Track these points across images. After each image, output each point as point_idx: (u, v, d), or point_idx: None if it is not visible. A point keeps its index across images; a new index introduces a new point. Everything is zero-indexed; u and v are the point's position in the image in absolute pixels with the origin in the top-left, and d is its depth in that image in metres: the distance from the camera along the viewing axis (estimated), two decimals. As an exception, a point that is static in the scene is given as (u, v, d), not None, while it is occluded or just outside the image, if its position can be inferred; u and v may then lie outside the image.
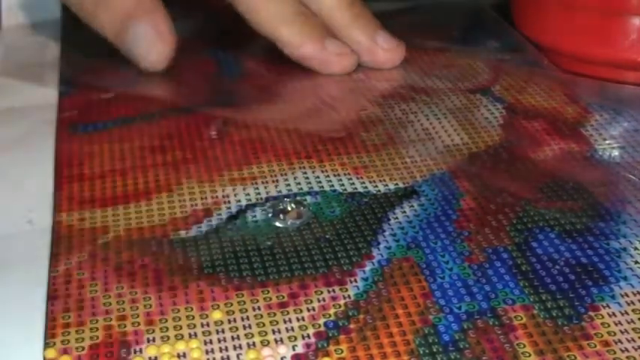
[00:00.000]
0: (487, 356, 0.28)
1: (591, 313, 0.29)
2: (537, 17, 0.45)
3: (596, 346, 0.28)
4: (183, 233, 0.34)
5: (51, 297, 0.30)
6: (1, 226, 0.34)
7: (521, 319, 0.29)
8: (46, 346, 0.28)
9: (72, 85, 0.46)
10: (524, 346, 0.28)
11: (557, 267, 0.31)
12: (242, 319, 0.29)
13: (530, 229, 0.34)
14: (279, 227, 0.34)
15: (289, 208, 0.35)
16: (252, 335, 0.29)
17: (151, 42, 0.44)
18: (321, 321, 0.29)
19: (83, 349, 0.28)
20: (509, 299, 0.30)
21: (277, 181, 0.37)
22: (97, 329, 0.29)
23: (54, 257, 0.32)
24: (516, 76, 0.46)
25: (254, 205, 0.36)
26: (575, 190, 0.36)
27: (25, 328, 0.29)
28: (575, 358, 0.27)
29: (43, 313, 0.30)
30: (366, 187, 0.37)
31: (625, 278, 0.31)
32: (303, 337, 0.28)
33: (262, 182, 0.37)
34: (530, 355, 0.27)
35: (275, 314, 0.29)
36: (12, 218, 0.35)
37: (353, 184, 0.37)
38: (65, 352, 0.28)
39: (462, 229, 0.34)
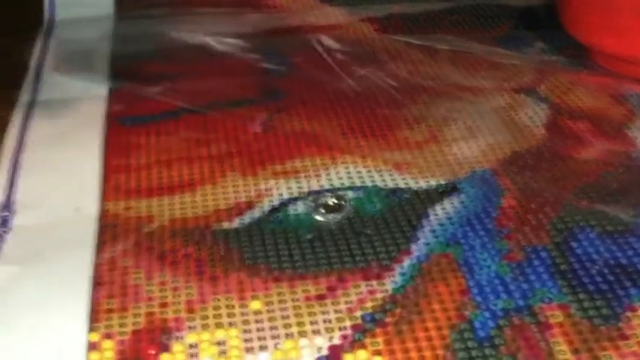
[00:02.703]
0: (522, 353, 0.28)
1: (629, 314, 0.29)
2: (584, 18, 0.45)
3: (633, 346, 0.28)
4: (225, 224, 0.34)
5: (96, 283, 0.31)
6: (50, 213, 0.35)
7: (558, 317, 0.29)
8: (90, 330, 0.29)
9: (121, 79, 0.47)
10: (560, 344, 0.28)
11: (596, 267, 0.31)
12: (280, 310, 0.30)
13: (570, 229, 0.33)
14: (319, 221, 0.34)
15: (330, 203, 0.35)
16: (290, 326, 0.29)
17: None
18: (359, 314, 0.29)
19: (125, 334, 0.29)
20: (546, 298, 0.30)
21: (319, 175, 0.38)
22: (140, 315, 0.30)
23: (100, 245, 0.33)
24: (562, 77, 0.46)
25: (296, 199, 0.36)
26: (618, 191, 0.36)
27: (71, 313, 0.30)
28: (611, 357, 0.27)
29: (88, 298, 0.30)
30: (407, 183, 0.37)
31: (665, 280, 0.31)
32: (340, 329, 0.29)
33: (305, 176, 0.37)
34: (565, 354, 0.28)
35: (313, 306, 0.30)
36: (61, 206, 0.36)
37: (394, 179, 0.37)
38: (108, 336, 0.29)
39: (501, 227, 0.34)
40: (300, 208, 0.35)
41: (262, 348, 0.28)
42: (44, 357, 0.28)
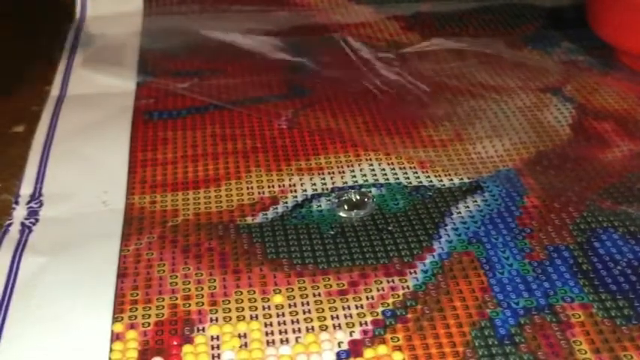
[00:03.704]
0: (542, 351, 0.28)
1: (651, 314, 0.29)
2: (610, 19, 0.45)
3: (653, 347, 0.28)
4: (249, 219, 0.35)
5: (121, 274, 0.32)
6: (77, 205, 0.36)
7: (579, 317, 0.29)
8: (114, 320, 0.29)
9: (149, 75, 0.47)
10: (581, 343, 0.28)
11: (619, 268, 0.31)
12: (302, 304, 0.30)
13: (593, 229, 0.33)
14: (343, 217, 0.35)
15: (354, 199, 0.36)
16: (312, 320, 0.29)
17: None
18: (379, 309, 0.30)
19: (149, 325, 0.29)
20: (567, 297, 0.30)
21: (343, 171, 0.38)
22: (163, 307, 0.30)
23: (125, 237, 0.34)
24: (588, 77, 0.46)
25: (320, 195, 0.36)
26: (643, 192, 0.36)
27: (96, 303, 0.30)
28: (632, 357, 0.27)
29: (113, 289, 0.31)
30: (431, 181, 0.37)
31: (688, 281, 0.31)
32: (361, 324, 0.29)
33: (329, 172, 0.38)
34: (586, 353, 0.28)
35: (335, 301, 0.30)
36: (88, 199, 0.36)
37: (418, 177, 0.37)
38: (132, 327, 0.29)
39: (524, 226, 0.34)
40: (323, 204, 0.36)
41: (283, 341, 0.28)
42: (69, 346, 0.28)
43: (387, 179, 0.37)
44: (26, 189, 0.37)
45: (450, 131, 0.41)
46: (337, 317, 0.29)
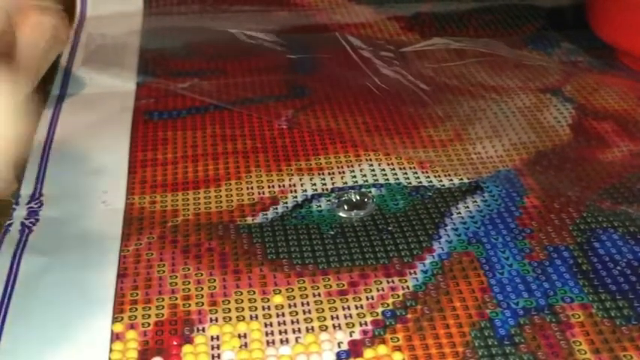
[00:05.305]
0: (542, 352, 0.28)
1: (650, 315, 0.29)
2: (610, 19, 0.45)
3: (653, 347, 0.28)
4: (249, 219, 0.35)
5: (121, 275, 0.32)
6: (77, 205, 0.36)
7: (579, 317, 0.29)
8: (114, 320, 0.29)
9: (150, 75, 0.47)
10: (581, 343, 0.28)
11: (619, 268, 0.31)
12: (302, 305, 0.30)
13: (593, 230, 0.33)
14: (343, 217, 0.35)
15: (354, 199, 0.36)
16: (311, 320, 0.29)
17: None
18: (379, 310, 0.30)
19: (149, 325, 0.29)
20: (567, 297, 0.30)
21: (343, 172, 0.38)
22: (163, 307, 0.30)
23: (125, 237, 0.34)
24: (588, 78, 0.46)
25: (320, 195, 0.36)
26: (642, 192, 0.36)
27: (96, 303, 0.30)
28: (632, 358, 0.27)
29: (113, 289, 0.31)
30: (430, 182, 0.37)
31: (687, 282, 0.31)
32: (361, 325, 0.29)
33: (329, 173, 0.38)
34: (585, 353, 0.28)
35: (334, 301, 0.30)
36: (88, 199, 0.36)
37: (418, 177, 0.37)
38: (132, 327, 0.29)
39: (524, 226, 0.34)
40: (323, 204, 0.36)
41: (283, 341, 0.28)
42: (69, 346, 0.28)
43: (387, 179, 0.37)
44: (26, 189, 0.37)
45: (449, 131, 0.41)
46: (337, 317, 0.29)
